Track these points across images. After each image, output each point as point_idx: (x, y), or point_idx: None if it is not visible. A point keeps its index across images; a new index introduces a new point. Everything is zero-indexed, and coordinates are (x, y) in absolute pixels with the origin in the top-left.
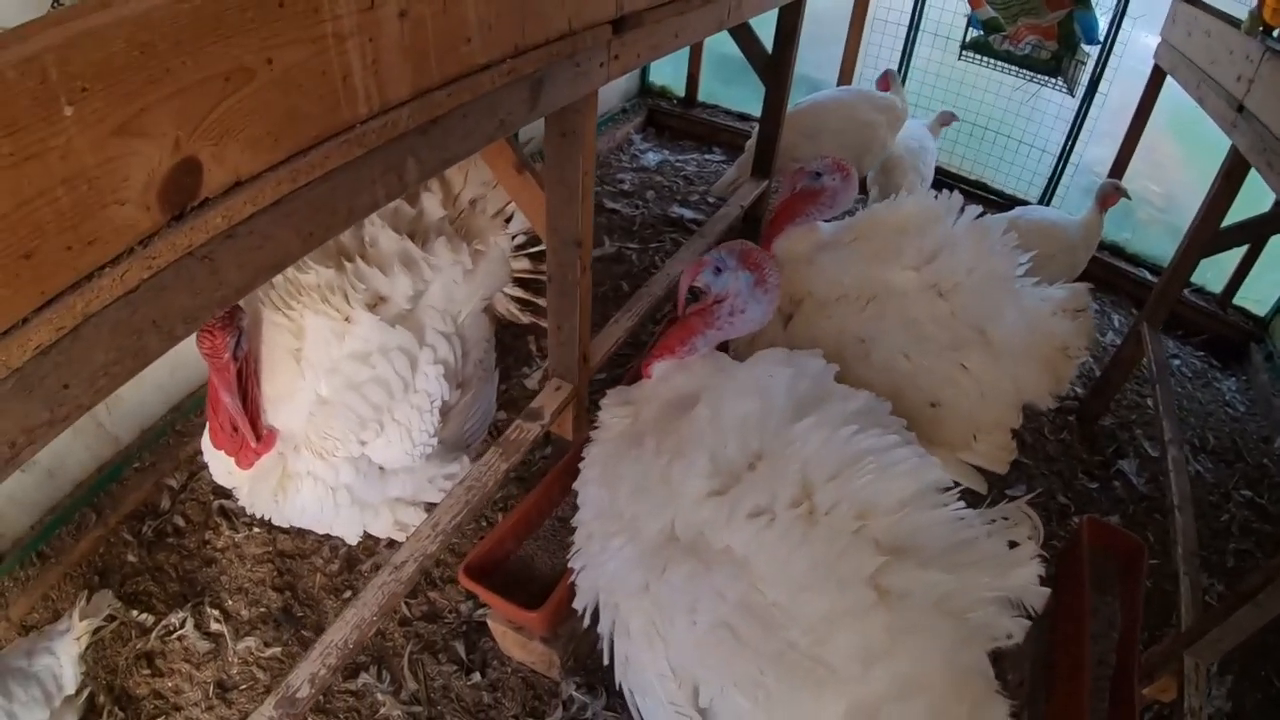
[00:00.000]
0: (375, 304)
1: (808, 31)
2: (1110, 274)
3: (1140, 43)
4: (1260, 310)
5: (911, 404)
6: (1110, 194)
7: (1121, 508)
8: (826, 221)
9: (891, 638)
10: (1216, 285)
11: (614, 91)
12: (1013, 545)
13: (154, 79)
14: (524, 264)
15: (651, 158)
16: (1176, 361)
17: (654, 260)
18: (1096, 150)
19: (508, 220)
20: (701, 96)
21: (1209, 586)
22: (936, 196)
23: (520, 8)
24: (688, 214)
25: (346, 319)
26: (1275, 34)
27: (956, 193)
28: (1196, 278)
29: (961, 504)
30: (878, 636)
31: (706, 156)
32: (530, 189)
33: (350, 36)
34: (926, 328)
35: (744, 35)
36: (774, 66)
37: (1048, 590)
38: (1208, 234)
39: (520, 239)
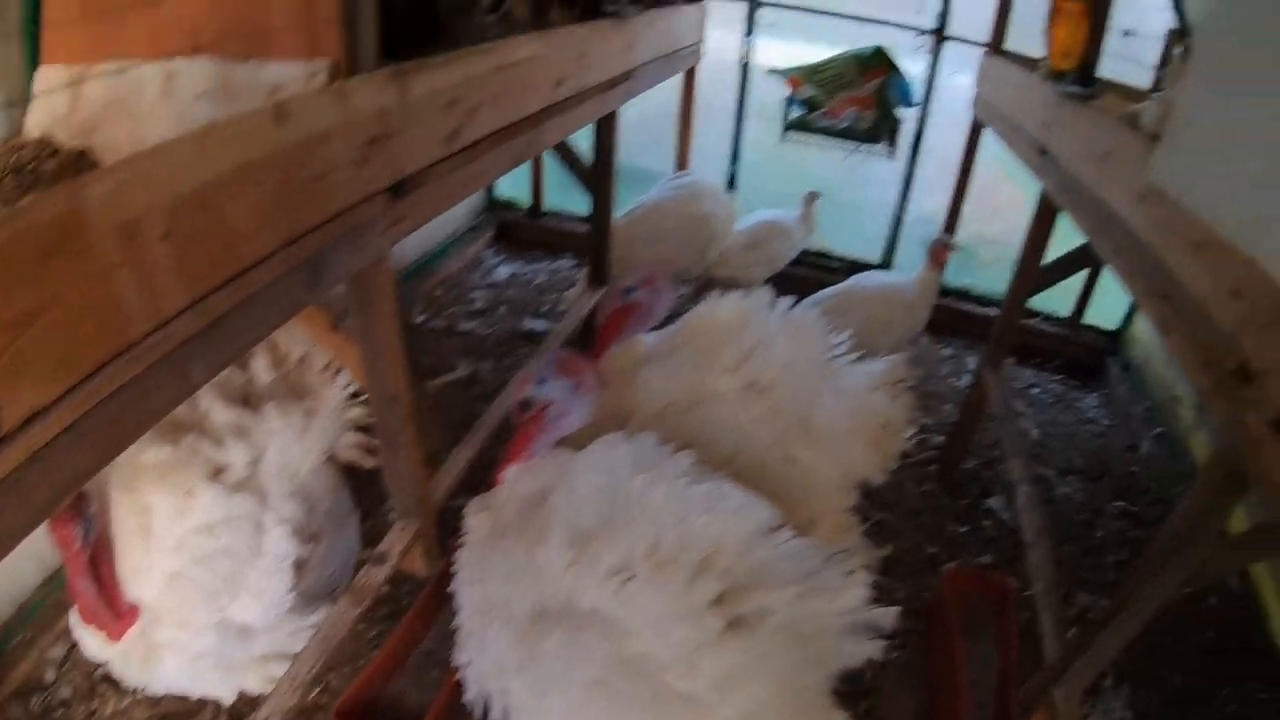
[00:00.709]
0: (216, 473)
1: (642, 129)
2: (959, 319)
3: (967, 88)
4: (1111, 325)
5: None
6: (939, 249)
7: (993, 546)
8: (651, 331)
9: (749, 661)
10: (1065, 308)
11: (461, 209)
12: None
13: None
14: (360, 411)
15: (503, 272)
16: (1035, 390)
17: (507, 379)
18: (931, 202)
19: (337, 373)
20: (547, 205)
21: (1091, 604)
22: (747, 296)
23: (288, 199)
24: (539, 326)
25: (188, 493)
26: (1066, 79)
27: (768, 288)
28: (1045, 305)
29: (795, 539)
30: (736, 661)
31: (556, 264)
32: (347, 346)
33: (120, 266)
34: (750, 427)
35: (561, 149)
36: (595, 177)
37: (895, 609)
38: (1031, 274)
39: (353, 387)
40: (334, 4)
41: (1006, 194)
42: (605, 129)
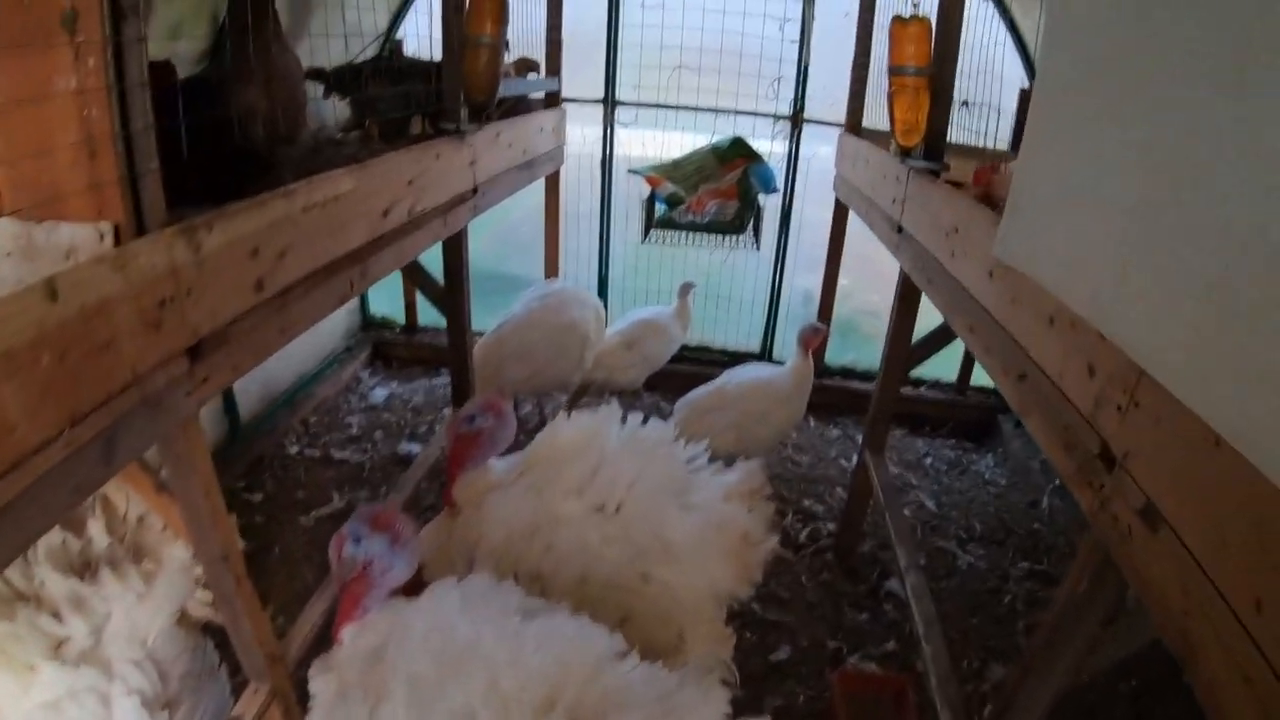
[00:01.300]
0: (57, 646)
1: (511, 237)
2: (846, 398)
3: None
4: None
5: (602, 622)
6: (810, 337)
7: (896, 630)
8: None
9: None
10: (951, 373)
11: (336, 329)
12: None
13: None
14: None
15: (379, 394)
16: (929, 459)
17: None
18: (812, 279)
19: None
20: (422, 320)
21: (1005, 677)
22: (594, 414)
23: (69, 377)
24: (416, 449)
25: (30, 668)
26: (912, 154)
27: (614, 404)
28: (931, 372)
29: (643, 664)
30: None
31: (434, 381)
32: (174, 507)
33: None
34: (599, 549)
35: (414, 272)
36: (449, 300)
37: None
38: (901, 353)
39: None
40: (114, 166)
41: (886, 262)
42: (453, 248)
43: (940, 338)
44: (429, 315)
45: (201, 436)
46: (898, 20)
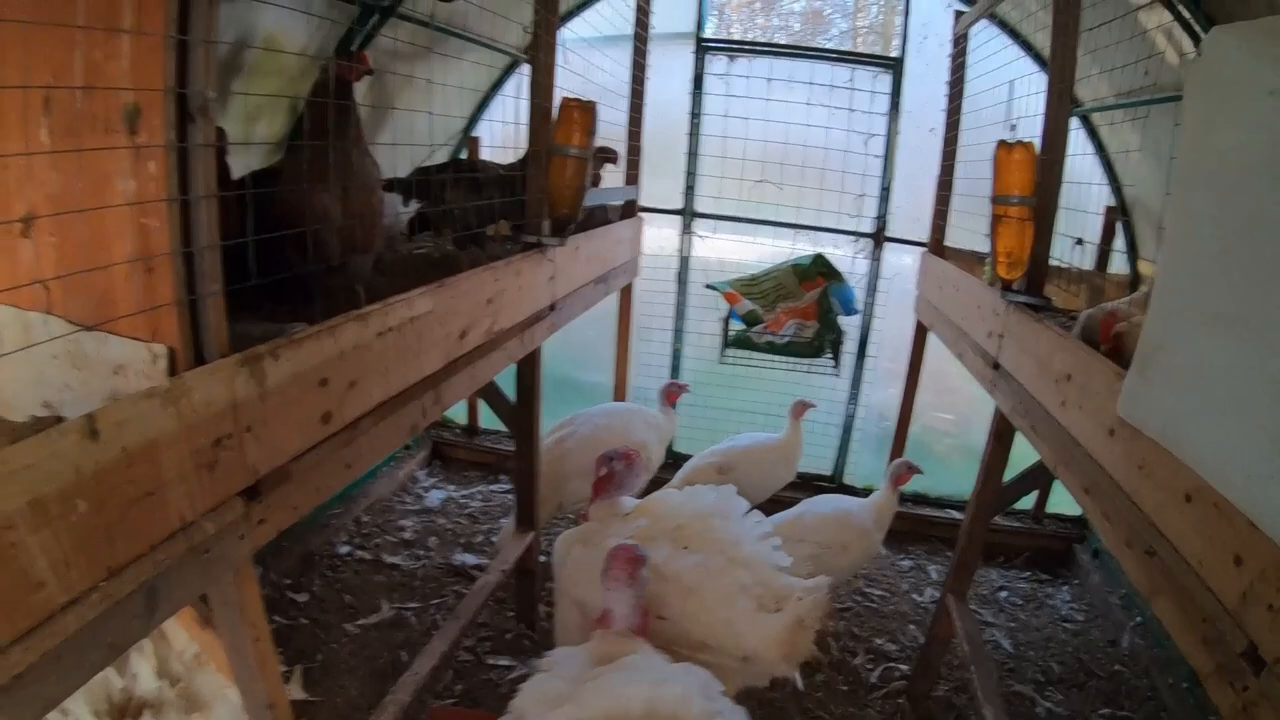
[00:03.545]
0: None
1: (585, 348)
2: (919, 525)
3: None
4: (1076, 510)
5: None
6: (903, 474)
7: None
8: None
9: None
10: (1026, 501)
11: None
12: None
13: None
14: None
15: (435, 497)
16: (1004, 593)
17: (434, 621)
18: (885, 393)
19: None
20: (484, 422)
21: None
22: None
23: (107, 526)
24: (471, 560)
25: None
26: (1014, 288)
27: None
28: None
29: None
30: None
31: (492, 488)
32: (218, 645)
33: None
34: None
35: (485, 387)
36: (519, 418)
37: None
38: (991, 495)
39: None
40: (171, 287)
41: (950, 371)
42: (528, 366)
43: (1035, 477)
44: (492, 417)
45: (254, 582)
46: (1002, 146)
